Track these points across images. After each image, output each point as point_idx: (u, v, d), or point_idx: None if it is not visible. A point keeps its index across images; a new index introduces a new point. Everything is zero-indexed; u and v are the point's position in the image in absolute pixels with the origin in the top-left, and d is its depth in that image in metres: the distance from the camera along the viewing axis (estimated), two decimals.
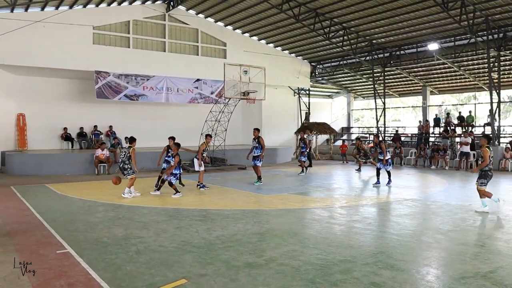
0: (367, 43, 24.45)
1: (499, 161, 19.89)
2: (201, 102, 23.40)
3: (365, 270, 5.44)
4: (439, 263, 6.03)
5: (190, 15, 23.49)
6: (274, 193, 12.41)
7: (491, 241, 7.18)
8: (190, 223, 8.21)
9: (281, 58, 27.06)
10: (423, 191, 13.62)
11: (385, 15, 20.53)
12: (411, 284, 5.02)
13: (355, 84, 32.59)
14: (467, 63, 24.48)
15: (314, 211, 9.71)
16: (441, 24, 20.63)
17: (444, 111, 30.95)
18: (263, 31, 24.92)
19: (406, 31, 22.36)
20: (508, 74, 23.81)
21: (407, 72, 27.57)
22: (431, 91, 28.94)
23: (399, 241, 6.97)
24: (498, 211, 9.47)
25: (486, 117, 24.32)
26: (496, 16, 19.09)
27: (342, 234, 7.61)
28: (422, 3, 18.63)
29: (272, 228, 7.88)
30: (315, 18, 21.61)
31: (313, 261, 5.85)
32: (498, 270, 5.49)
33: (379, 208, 10.16)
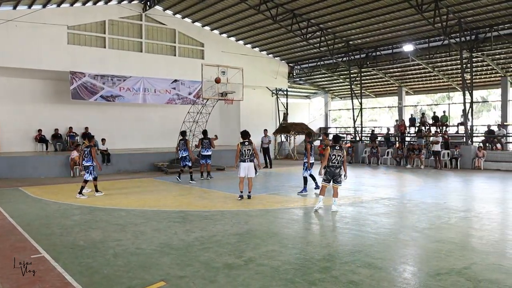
0: (344, 44, 24.69)
1: (472, 160, 20.33)
2: (179, 103, 23.24)
3: (344, 269, 5.50)
4: (415, 261, 6.13)
5: (167, 15, 23.32)
6: (253, 193, 12.41)
7: (465, 238, 7.34)
8: (168, 225, 8.16)
9: (259, 59, 27.10)
10: (399, 190, 13.83)
11: (362, 17, 20.77)
12: (389, 282, 5.09)
13: (332, 84, 32.86)
14: (441, 64, 24.95)
15: (292, 211, 9.76)
16: (416, 25, 20.99)
17: (419, 111, 31.47)
18: (241, 31, 24.91)
19: (382, 33, 22.67)
20: (480, 75, 24.36)
21: (383, 73, 27.94)
22: (407, 91, 29.40)
23: (377, 239, 7.06)
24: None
25: (459, 117, 24.83)
26: (469, 18, 19.52)
27: (320, 233, 7.67)
28: (397, 5, 18.91)
29: (251, 228, 7.89)
30: (293, 19, 21.72)
31: (292, 261, 5.87)
32: (472, 266, 5.61)
33: (357, 207, 10.27)
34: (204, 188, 12.50)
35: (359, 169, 20.61)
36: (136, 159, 19.78)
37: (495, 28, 19.87)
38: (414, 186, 14.50)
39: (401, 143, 24.27)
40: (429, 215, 9.08)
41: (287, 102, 30.77)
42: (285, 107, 30.50)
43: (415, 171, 19.25)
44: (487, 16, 19.11)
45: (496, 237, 7.42)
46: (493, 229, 7.98)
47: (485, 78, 24.88)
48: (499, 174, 17.49)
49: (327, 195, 9.75)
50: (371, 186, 14.53)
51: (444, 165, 20.91)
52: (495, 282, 5.00)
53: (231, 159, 15.51)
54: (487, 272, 5.39)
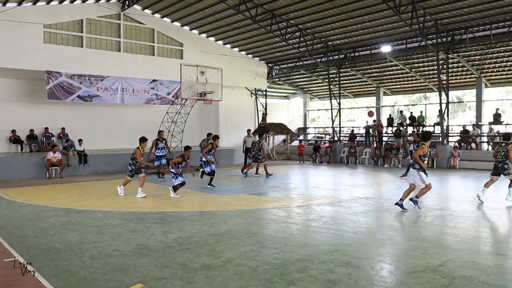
0: (323, 44, 24.87)
1: (448, 160, 20.71)
2: (157, 103, 23.07)
3: (322, 268, 5.53)
4: (392, 259, 6.21)
5: (145, 15, 23.12)
6: (231, 194, 12.42)
7: (441, 236, 7.46)
8: (146, 226, 8.08)
9: (238, 59, 27.10)
10: (377, 189, 13.98)
11: (340, 18, 20.96)
12: (366, 280, 5.15)
13: (311, 85, 33.06)
14: (418, 65, 25.35)
15: (271, 211, 9.78)
16: (394, 27, 21.28)
17: (397, 111, 31.89)
18: (220, 31, 24.87)
19: (360, 34, 22.91)
20: (455, 76, 24.84)
21: (361, 74, 28.24)
22: (384, 92, 29.78)
23: (354, 238, 7.13)
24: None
25: (436, 117, 25.24)
26: (445, 20, 19.89)
27: (299, 233, 7.70)
28: (375, 7, 19.14)
29: (229, 229, 7.87)
30: (272, 20, 21.78)
31: (270, 260, 5.88)
32: (447, 263, 5.71)
33: (335, 206, 10.34)
34: (183, 189, 12.40)
35: (337, 169, 20.79)
36: (114, 159, 19.52)
37: (470, 30, 20.28)
38: (391, 185, 14.70)
39: (379, 143, 24.56)
40: (406, 214, 9.21)
41: (266, 102, 30.87)
42: (264, 107, 30.58)
43: (393, 171, 19.50)
44: (463, 18, 19.50)
45: (470, 235, 7.57)
46: (467, 227, 8.14)
47: (460, 79, 25.37)
48: (474, 173, 17.84)
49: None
50: (349, 185, 14.68)
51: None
52: (469, 279, 5.10)
53: None
54: (461, 269, 5.50)
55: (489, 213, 9.59)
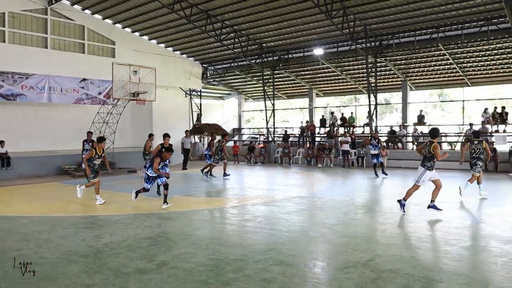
0: (257, 46, 25.12)
1: None
2: (87, 103, 22.20)
3: (257, 268, 5.58)
4: (324, 256, 6.40)
5: (75, 11, 22.12)
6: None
7: (370, 232, 7.79)
8: (76, 231, 7.76)
9: (172, 59, 26.72)
10: (310, 188, 14.32)
11: (274, 20, 21.27)
12: (300, 277, 5.26)
13: (246, 86, 33.28)
14: (348, 68, 26.28)
15: (206, 212, 9.74)
16: (326, 30, 21.92)
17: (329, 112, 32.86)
18: (154, 30, 24.38)
19: (294, 36, 23.39)
20: (383, 79, 26.01)
21: (294, 75, 28.83)
22: (317, 93, 30.58)
23: (288, 237, 7.27)
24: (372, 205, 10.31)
25: (365, 117, 26.33)
26: (373, 25, 20.79)
27: (233, 233, 7.73)
28: (308, 10, 19.62)
29: (164, 231, 7.74)
30: (207, 20, 21.68)
31: (205, 262, 5.86)
32: (375, 258, 5.97)
33: (269, 206, 10.48)
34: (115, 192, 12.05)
35: (271, 169, 21.07)
36: (41, 162, 18.57)
37: (396, 36, 21.35)
38: (323, 184, 15.13)
39: (312, 143, 25.18)
40: (337, 212, 9.52)
41: (201, 102, 30.70)
42: (198, 108, 30.39)
43: (325, 170, 20.07)
44: (389, 24, 20.49)
45: (397, 230, 7.98)
46: (394, 222, 8.56)
47: (388, 81, 26.60)
48: (400, 171, 18.77)
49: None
50: (283, 185, 14.93)
51: (352, 163, 22.05)
52: (396, 272, 5.37)
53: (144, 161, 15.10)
54: (389, 262, 5.77)
55: (414, 208, 10.13)
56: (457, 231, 7.55)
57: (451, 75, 24.41)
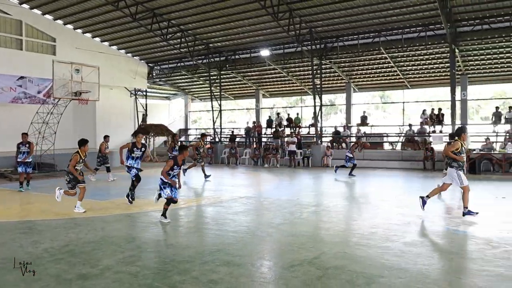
0: (204, 46, 24.99)
1: (321, 159, 22.12)
2: (26, 102, 21.15)
3: (204, 269, 5.55)
4: (271, 255, 6.47)
5: (11, 4, 20.98)
6: (110, 198, 11.90)
7: (315, 230, 7.94)
8: (12, 238, 7.37)
9: (117, 58, 26.05)
10: (257, 188, 14.42)
11: (221, 20, 21.25)
12: (247, 277, 5.28)
13: (193, 86, 33.05)
14: (294, 69, 26.70)
15: (152, 214, 9.56)
16: (272, 32, 22.16)
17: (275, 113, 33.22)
18: (98, 28, 23.65)
19: (241, 37, 23.47)
20: (328, 80, 26.63)
21: (241, 76, 28.92)
22: (263, 94, 30.85)
23: (235, 237, 7.27)
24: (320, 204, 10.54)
25: (311, 118, 26.84)
26: (318, 28, 21.24)
27: (180, 235, 7.64)
28: (255, 12, 19.75)
29: (108, 235, 7.53)
30: (153, 19, 21.31)
31: (151, 265, 5.76)
32: (321, 256, 6.10)
33: (216, 207, 10.45)
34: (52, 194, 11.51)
35: (218, 170, 21.02)
36: None
37: (340, 39, 21.93)
38: (270, 184, 15.27)
39: (258, 144, 25.36)
40: (284, 211, 9.64)
41: (146, 103, 30.15)
42: (144, 108, 29.82)
43: (272, 170, 20.27)
44: (334, 27, 21.01)
45: (342, 228, 8.19)
46: (338, 220, 8.79)
47: (332, 83, 27.26)
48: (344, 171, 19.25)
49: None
50: (230, 185, 14.94)
51: (298, 163, 22.41)
52: (340, 268, 5.52)
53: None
54: (333, 260, 5.91)
55: (357, 207, 10.45)
56: (397, 228, 7.85)
57: (392, 78, 25.39)
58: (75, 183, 9.65)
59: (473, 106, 32.08)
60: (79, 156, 9.77)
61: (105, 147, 16.30)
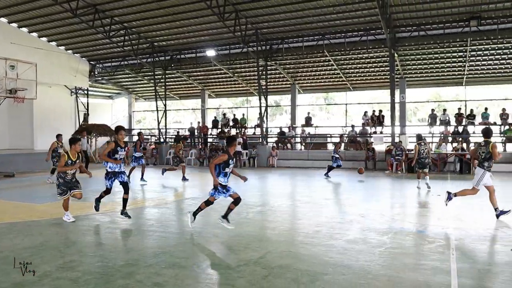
0: (149, 45, 24.54)
1: (267, 159, 22.32)
2: None
3: (148, 272, 5.44)
4: (217, 256, 6.43)
5: None
6: (49, 201, 11.39)
7: (261, 230, 8.01)
8: None
9: (56, 54, 25.04)
10: (203, 189, 14.29)
11: (166, 19, 20.96)
12: (193, 279, 5.24)
13: (137, 85, 32.37)
14: (240, 70, 26.77)
15: (93, 217, 9.26)
16: (218, 32, 22.11)
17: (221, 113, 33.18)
18: (35, 22, 22.61)
19: (186, 36, 23.25)
20: (273, 81, 26.93)
21: (187, 76, 28.65)
22: (209, 94, 30.74)
23: (180, 239, 7.19)
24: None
25: (256, 119, 27.04)
26: (264, 30, 21.43)
27: (124, 238, 7.46)
28: (201, 11, 19.63)
29: (46, 240, 7.20)
30: (95, 15, 20.66)
31: (93, 270, 5.57)
32: (266, 255, 6.15)
33: (161, 208, 10.29)
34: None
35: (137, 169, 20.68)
36: None
37: (285, 41, 22.24)
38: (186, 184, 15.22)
39: (204, 144, 25.23)
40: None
41: (88, 102, 29.20)
42: (85, 108, 28.86)
43: None
44: (279, 29, 21.29)
45: (287, 227, 8.30)
46: (284, 220, 8.90)
47: (278, 84, 27.59)
48: (289, 171, 19.56)
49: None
50: (176, 186, 14.76)
51: (244, 164, 22.49)
52: (285, 267, 5.58)
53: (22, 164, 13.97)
54: (279, 259, 5.97)
55: (302, 206, 10.63)
56: (340, 226, 8.06)
57: (335, 80, 26.06)
58: (65, 188, 8.55)
59: (411, 108, 33.61)
60: (68, 157, 8.58)
61: (56, 146, 15.51)
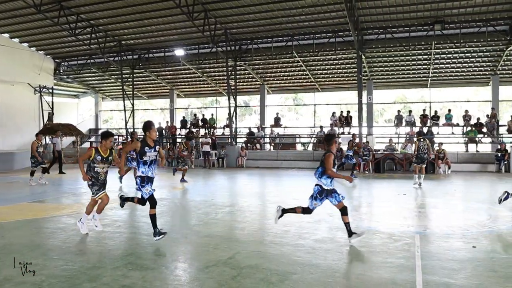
0: (116, 43, 24.13)
1: (236, 159, 22.31)
2: None
3: (115, 274, 5.35)
4: (186, 257, 6.38)
5: None
6: (11, 203, 11.05)
7: (230, 230, 7.99)
8: None
9: (19, 51, 24.28)
10: (171, 190, 14.19)
11: (134, 17, 20.66)
12: (161, 281, 5.17)
13: (104, 84, 31.79)
14: (209, 70, 26.68)
15: (59, 219, 9.03)
16: (187, 31, 21.96)
17: (190, 113, 32.97)
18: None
19: (155, 35, 22.98)
20: (243, 82, 26.94)
21: (155, 75, 28.33)
22: (178, 94, 30.49)
23: (148, 240, 7.09)
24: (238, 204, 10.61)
25: (225, 119, 26.98)
26: (233, 30, 21.42)
27: (90, 240, 7.29)
28: (169, 10, 19.44)
29: (8, 243, 6.97)
30: (60, 11, 20.15)
31: (58, 273, 5.42)
32: (236, 255, 6.14)
33: (129, 210, 10.12)
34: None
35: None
36: None
37: (255, 41, 22.29)
38: (185, 185, 15.10)
39: (172, 144, 24.99)
40: (198, 212, 9.59)
41: (53, 101, 28.46)
42: (50, 107, 28.11)
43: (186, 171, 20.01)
44: (249, 30, 21.32)
45: (256, 227, 8.31)
46: (253, 220, 8.91)
47: (247, 85, 27.63)
48: (258, 171, 19.62)
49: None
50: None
51: (213, 164, 22.40)
52: (255, 267, 5.59)
53: None
54: (248, 259, 5.98)
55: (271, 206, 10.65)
56: (309, 225, 8.13)
57: (304, 81, 26.30)
58: (98, 187, 7.55)
59: (378, 109, 34.26)
60: (97, 152, 7.46)
61: (37, 145, 15.02)
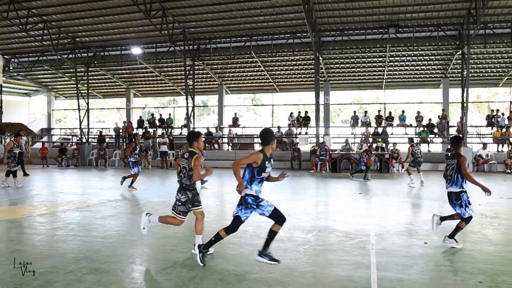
0: (70, 40, 23.44)
1: None
2: None
3: (68, 279, 5.18)
4: (143, 259, 6.27)
5: None
6: None
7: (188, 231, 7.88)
8: None
9: None
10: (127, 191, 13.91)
11: (89, 14, 20.15)
12: (117, 284, 5.05)
13: (57, 82, 30.81)
14: (167, 69, 26.36)
15: (6, 223, 8.66)
16: (145, 30, 21.62)
17: (147, 113, 32.48)
18: None
19: (111, 33, 22.49)
20: (201, 81, 26.79)
21: (111, 74, 27.72)
22: (135, 93, 29.95)
23: (104, 243, 6.92)
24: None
25: (183, 119, 26.74)
26: (192, 29, 21.26)
27: (41, 244, 7.03)
28: (126, 7, 19.07)
29: None
30: (10, 5, 19.35)
31: (6, 279, 5.20)
32: (193, 256, 6.05)
33: (83, 211, 9.85)
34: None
35: (86, 172, 19.89)
36: None
37: (213, 41, 22.23)
38: (141, 186, 14.83)
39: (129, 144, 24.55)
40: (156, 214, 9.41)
41: (2, 99, 27.29)
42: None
43: (143, 172, 19.67)
44: (207, 29, 21.23)
45: (214, 228, 8.19)
46: (211, 220, 8.84)
47: (205, 85, 27.50)
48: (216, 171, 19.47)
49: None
50: (99, 189, 14.24)
51: (170, 164, 22.13)
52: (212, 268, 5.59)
53: None
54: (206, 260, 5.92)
55: (229, 206, 10.64)
56: (267, 225, 8.10)
57: (262, 81, 26.44)
58: (191, 205, 6.61)
59: (334, 110, 34.89)
60: (197, 159, 6.75)
61: (12, 146, 14.24)
